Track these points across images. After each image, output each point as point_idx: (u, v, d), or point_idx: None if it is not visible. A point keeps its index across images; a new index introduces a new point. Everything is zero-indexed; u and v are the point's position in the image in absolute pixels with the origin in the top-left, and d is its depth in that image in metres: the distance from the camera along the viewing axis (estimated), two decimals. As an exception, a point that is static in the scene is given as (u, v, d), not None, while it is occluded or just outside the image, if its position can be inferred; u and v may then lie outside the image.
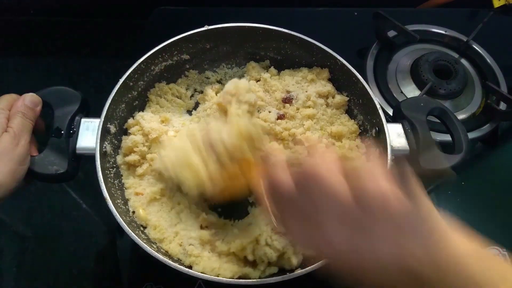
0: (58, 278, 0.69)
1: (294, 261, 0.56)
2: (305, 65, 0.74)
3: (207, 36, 0.71)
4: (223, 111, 0.56)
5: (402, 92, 0.82)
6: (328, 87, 0.71)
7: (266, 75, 0.73)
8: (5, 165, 0.49)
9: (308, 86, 0.72)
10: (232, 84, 0.55)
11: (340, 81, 0.71)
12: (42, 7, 0.98)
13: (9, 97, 0.55)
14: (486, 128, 0.79)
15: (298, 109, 0.70)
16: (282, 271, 0.57)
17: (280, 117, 0.70)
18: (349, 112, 0.72)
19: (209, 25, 0.69)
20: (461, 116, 0.80)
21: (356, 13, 0.98)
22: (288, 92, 0.72)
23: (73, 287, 0.68)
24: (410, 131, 0.60)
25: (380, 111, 0.62)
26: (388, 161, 0.58)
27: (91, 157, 0.57)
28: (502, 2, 0.95)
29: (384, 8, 0.85)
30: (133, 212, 0.61)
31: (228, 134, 0.49)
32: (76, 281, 0.68)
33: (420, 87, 0.81)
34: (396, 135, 0.60)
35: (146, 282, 0.64)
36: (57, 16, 0.99)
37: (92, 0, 0.98)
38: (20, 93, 0.57)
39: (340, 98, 0.70)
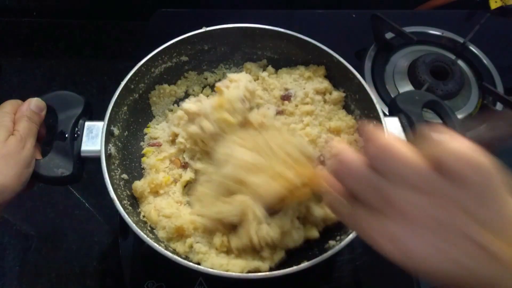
0: (61, 276, 0.69)
1: (296, 236, 0.55)
2: (302, 63, 0.75)
3: (205, 38, 0.72)
4: (219, 93, 0.60)
5: (399, 92, 0.84)
6: (325, 84, 0.72)
7: (264, 74, 0.74)
8: (11, 168, 0.50)
9: (306, 84, 0.73)
10: (236, 74, 0.59)
11: (337, 77, 0.72)
12: (44, 9, 0.99)
13: (13, 102, 0.56)
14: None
15: (296, 106, 0.71)
16: (289, 258, 0.57)
17: (279, 112, 0.71)
18: (346, 108, 0.73)
19: (207, 26, 0.70)
20: (458, 116, 0.81)
21: (354, 15, 0.99)
22: (286, 90, 0.73)
23: (75, 285, 0.69)
24: (407, 124, 0.61)
25: (377, 105, 0.62)
26: None
27: (95, 159, 0.58)
28: (498, 4, 0.96)
29: (382, 10, 0.87)
30: (141, 213, 0.62)
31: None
32: (79, 279, 0.69)
33: (417, 88, 0.83)
34: (393, 129, 0.61)
35: (148, 280, 0.64)
36: (59, 18, 1.00)
37: (94, 2, 0.99)
38: (23, 94, 0.58)
39: (337, 94, 0.71)
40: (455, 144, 0.29)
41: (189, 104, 0.63)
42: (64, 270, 0.70)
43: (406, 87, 0.84)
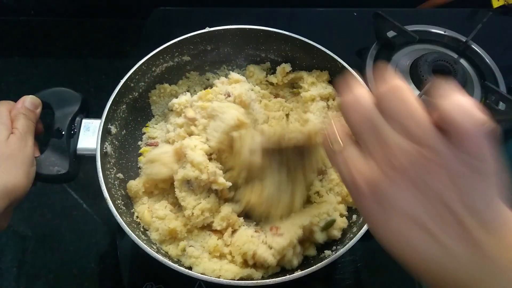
0: (59, 278, 0.69)
1: (295, 262, 0.56)
2: (305, 66, 0.74)
3: (208, 38, 0.71)
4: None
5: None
6: (329, 89, 0.71)
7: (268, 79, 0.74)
8: (19, 167, 0.49)
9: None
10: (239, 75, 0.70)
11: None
12: (42, 8, 0.98)
13: (6, 102, 0.56)
14: (485, 128, 0.79)
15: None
16: (283, 270, 0.57)
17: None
18: (351, 114, 0.72)
19: (210, 26, 0.69)
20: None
21: (355, 14, 0.98)
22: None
23: (73, 287, 0.69)
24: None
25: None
26: None
27: (91, 158, 0.57)
28: (501, 3, 0.95)
29: (384, 8, 0.86)
30: (134, 214, 0.61)
31: None
32: (77, 281, 0.69)
33: (419, 87, 0.82)
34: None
35: (147, 281, 0.64)
36: (57, 16, 0.99)
37: (92, 0, 0.98)
38: (20, 93, 0.58)
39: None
40: (460, 98, 0.28)
41: (176, 99, 0.66)
42: (61, 272, 0.69)
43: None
